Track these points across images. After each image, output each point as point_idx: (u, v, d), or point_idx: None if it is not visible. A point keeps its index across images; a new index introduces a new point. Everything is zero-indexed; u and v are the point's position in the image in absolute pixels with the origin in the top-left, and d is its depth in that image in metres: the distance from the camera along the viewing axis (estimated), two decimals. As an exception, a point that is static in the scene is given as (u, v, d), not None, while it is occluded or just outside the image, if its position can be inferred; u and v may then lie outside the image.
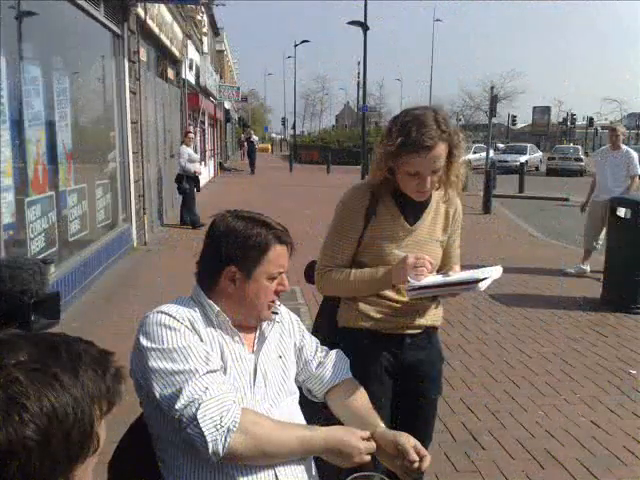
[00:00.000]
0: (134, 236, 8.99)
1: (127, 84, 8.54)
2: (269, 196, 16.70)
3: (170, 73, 13.44)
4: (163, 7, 10.85)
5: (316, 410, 1.80)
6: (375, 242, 2.03)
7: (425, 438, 2.16)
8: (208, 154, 22.58)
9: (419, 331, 2.13)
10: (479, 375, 4.33)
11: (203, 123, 20.73)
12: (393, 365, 2.12)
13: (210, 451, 1.36)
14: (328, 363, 1.81)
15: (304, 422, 1.66)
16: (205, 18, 21.23)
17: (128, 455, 1.59)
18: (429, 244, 2.07)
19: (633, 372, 4.42)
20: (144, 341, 1.47)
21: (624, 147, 7.27)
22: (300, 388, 1.79)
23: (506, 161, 28.45)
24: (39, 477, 0.73)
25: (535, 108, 64.74)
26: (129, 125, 8.64)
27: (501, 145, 41.09)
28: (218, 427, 1.37)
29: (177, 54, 13.61)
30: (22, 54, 5.22)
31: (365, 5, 22.47)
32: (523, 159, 26.93)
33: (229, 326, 1.58)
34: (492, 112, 17.46)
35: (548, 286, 6.95)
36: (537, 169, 31.51)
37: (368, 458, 1.50)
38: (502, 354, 4.76)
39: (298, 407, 1.70)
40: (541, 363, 4.58)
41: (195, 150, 13.02)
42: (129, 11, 8.53)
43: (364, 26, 22.35)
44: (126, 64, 8.52)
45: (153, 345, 1.45)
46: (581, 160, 28.74)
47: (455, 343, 4.97)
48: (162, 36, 11.25)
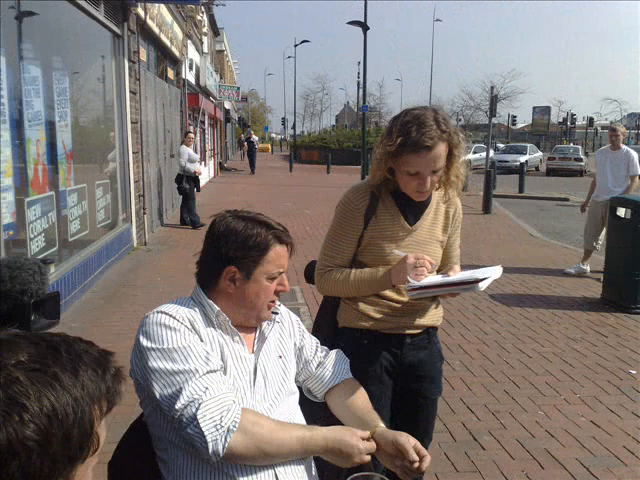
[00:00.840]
0: (134, 236, 8.99)
1: (127, 84, 8.54)
2: (269, 196, 16.71)
3: (170, 73, 13.44)
4: (163, 7, 10.85)
5: (316, 410, 1.80)
6: (375, 242, 2.03)
7: (425, 438, 2.16)
8: (208, 154, 22.57)
9: (419, 331, 2.13)
10: (479, 375, 4.33)
11: (203, 123, 20.73)
12: (393, 365, 2.12)
13: (210, 451, 1.36)
14: (328, 363, 1.81)
15: (304, 422, 1.66)
16: (205, 18, 21.24)
17: (128, 455, 1.59)
18: (429, 244, 2.07)
19: (633, 372, 4.42)
20: (144, 341, 1.47)
21: (624, 147, 7.27)
22: (300, 388, 1.79)
23: (506, 161, 28.47)
24: (39, 477, 0.73)
25: (535, 108, 64.78)
26: (129, 125, 8.64)
27: (501, 145, 41.04)
28: (218, 427, 1.37)
29: (177, 54, 13.61)
30: (22, 54, 5.22)
31: (365, 5, 22.46)
32: (523, 159, 26.92)
33: (229, 326, 1.58)
34: (492, 112, 17.46)
35: (548, 286, 6.96)
36: (537, 169, 31.52)
37: (368, 458, 1.50)
38: (502, 354, 4.76)
39: (298, 407, 1.70)
40: (541, 363, 4.58)
41: (195, 150, 13.01)
42: (129, 11, 8.53)
43: (364, 26, 22.34)
44: (126, 64, 8.52)
45: (153, 345, 1.46)
46: (581, 160, 28.74)
47: (455, 343, 4.97)
48: (162, 36, 11.25)
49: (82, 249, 6.63)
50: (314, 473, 1.62)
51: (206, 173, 20.22)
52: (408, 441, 1.51)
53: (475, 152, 29.09)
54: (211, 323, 1.58)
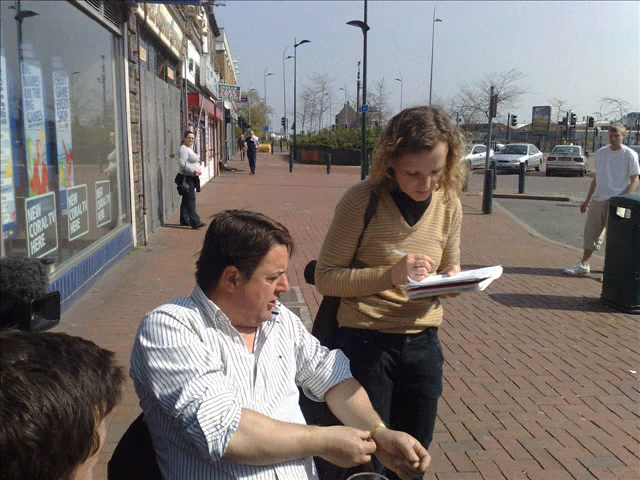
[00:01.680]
0: (134, 236, 8.99)
1: (127, 84, 8.54)
2: (269, 196, 16.70)
3: (170, 73, 13.44)
4: (163, 7, 10.85)
5: (316, 410, 1.80)
6: (375, 242, 2.03)
7: (425, 438, 2.16)
8: (208, 154, 22.57)
9: (419, 331, 2.13)
10: (479, 375, 4.33)
11: (203, 123, 20.72)
12: (393, 365, 2.12)
13: (210, 451, 1.36)
14: (328, 363, 1.81)
15: (304, 422, 1.66)
16: (205, 18, 21.24)
17: (128, 455, 1.59)
18: (429, 244, 2.07)
19: (633, 372, 4.42)
20: (144, 341, 1.47)
21: (624, 147, 7.27)
22: (300, 388, 1.79)
23: (506, 161, 28.47)
24: (39, 477, 0.73)
25: (535, 108, 64.78)
26: (129, 125, 8.64)
27: (501, 145, 41.06)
28: (218, 427, 1.37)
29: (177, 54, 13.61)
30: (22, 54, 5.22)
31: (365, 5, 22.45)
32: (523, 159, 26.92)
33: (229, 326, 1.58)
34: (492, 112, 17.45)
35: (548, 286, 6.96)
36: (537, 169, 31.51)
37: (368, 458, 1.50)
38: (502, 354, 4.76)
39: (298, 407, 1.70)
40: (541, 363, 4.58)
41: (195, 150, 13.01)
42: (129, 11, 8.52)
43: (364, 26, 22.33)
44: (126, 64, 8.52)
45: (153, 345, 1.46)
46: (581, 160, 28.74)
47: (455, 343, 4.97)
48: (162, 36, 11.25)
49: (82, 249, 6.63)
50: (314, 473, 1.62)
51: (206, 173, 20.22)
52: (408, 441, 1.51)
53: (475, 152, 29.09)
54: (211, 323, 1.58)
